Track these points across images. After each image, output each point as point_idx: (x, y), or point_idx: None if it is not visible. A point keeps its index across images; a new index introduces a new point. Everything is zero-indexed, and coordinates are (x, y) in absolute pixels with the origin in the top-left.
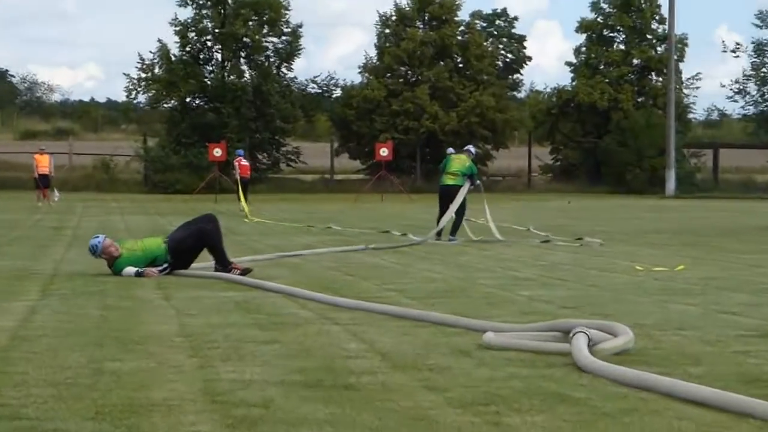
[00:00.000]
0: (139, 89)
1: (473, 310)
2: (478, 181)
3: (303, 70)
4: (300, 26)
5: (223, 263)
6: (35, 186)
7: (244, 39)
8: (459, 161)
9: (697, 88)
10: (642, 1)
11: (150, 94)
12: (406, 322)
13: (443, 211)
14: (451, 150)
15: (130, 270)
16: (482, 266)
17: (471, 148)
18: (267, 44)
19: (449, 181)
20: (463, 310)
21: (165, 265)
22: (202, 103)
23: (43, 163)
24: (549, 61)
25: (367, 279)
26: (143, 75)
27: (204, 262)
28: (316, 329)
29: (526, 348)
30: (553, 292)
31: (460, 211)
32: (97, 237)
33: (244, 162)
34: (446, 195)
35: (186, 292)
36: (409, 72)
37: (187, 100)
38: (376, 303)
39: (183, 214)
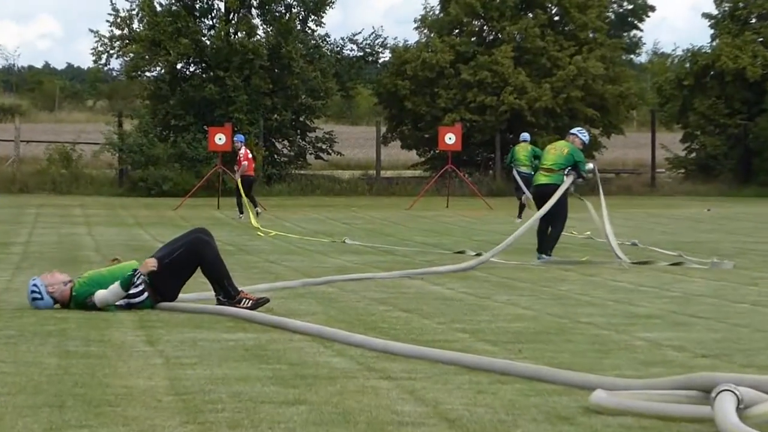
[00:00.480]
0: (111, 52)
1: (576, 360)
2: (590, 171)
3: (338, 25)
4: None
5: (228, 292)
6: None
7: None
8: (555, 151)
9: None
10: None
11: (127, 59)
12: (482, 375)
13: (545, 218)
14: (525, 136)
15: (106, 294)
16: (588, 298)
17: (579, 132)
18: None
19: (543, 179)
20: (563, 359)
21: (141, 288)
22: (198, 71)
23: None
24: (680, 13)
25: (429, 316)
26: (117, 32)
27: (199, 292)
28: (357, 385)
29: (650, 412)
30: (688, 335)
31: (559, 219)
32: (31, 280)
33: (250, 154)
34: (542, 198)
35: (178, 333)
36: (486, 27)
37: (179, 66)
38: (441, 349)
39: (173, 225)
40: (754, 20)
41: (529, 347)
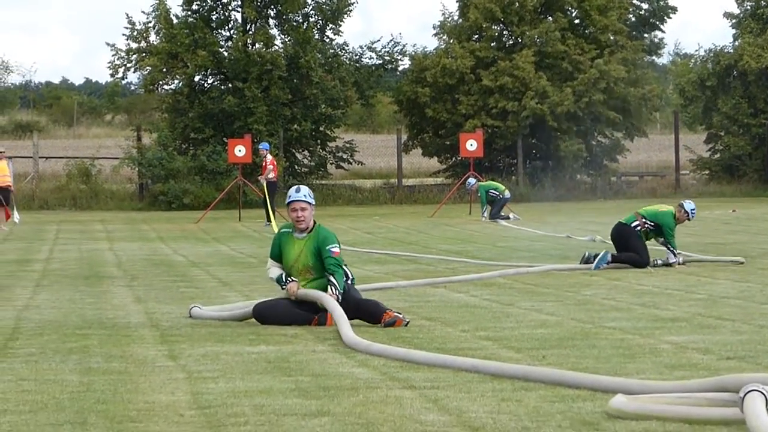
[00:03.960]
0: (128, 65)
1: (600, 365)
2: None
3: (357, 34)
4: None
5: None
6: None
7: None
8: (656, 204)
9: None
10: None
11: (144, 72)
12: (506, 382)
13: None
14: (472, 181)
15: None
16: (613, 303)
17: (691, 208)
18: None
19: (627, 218)
20: (587, 364)
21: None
22: (217, 83)
23: (2, 172)
24: (702, 13)
25: (452, 324)
26: (134, 45)
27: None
28: (380, 395)
29: (676, 416)
30: (713, 337)
31: (640, 256)
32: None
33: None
34: (619, 235)
35: (200, 347)
36: (506, 32)
37: (197, 78)
38: (465, 357)
39: (195, 238)
40: None
41: (553, 353)
